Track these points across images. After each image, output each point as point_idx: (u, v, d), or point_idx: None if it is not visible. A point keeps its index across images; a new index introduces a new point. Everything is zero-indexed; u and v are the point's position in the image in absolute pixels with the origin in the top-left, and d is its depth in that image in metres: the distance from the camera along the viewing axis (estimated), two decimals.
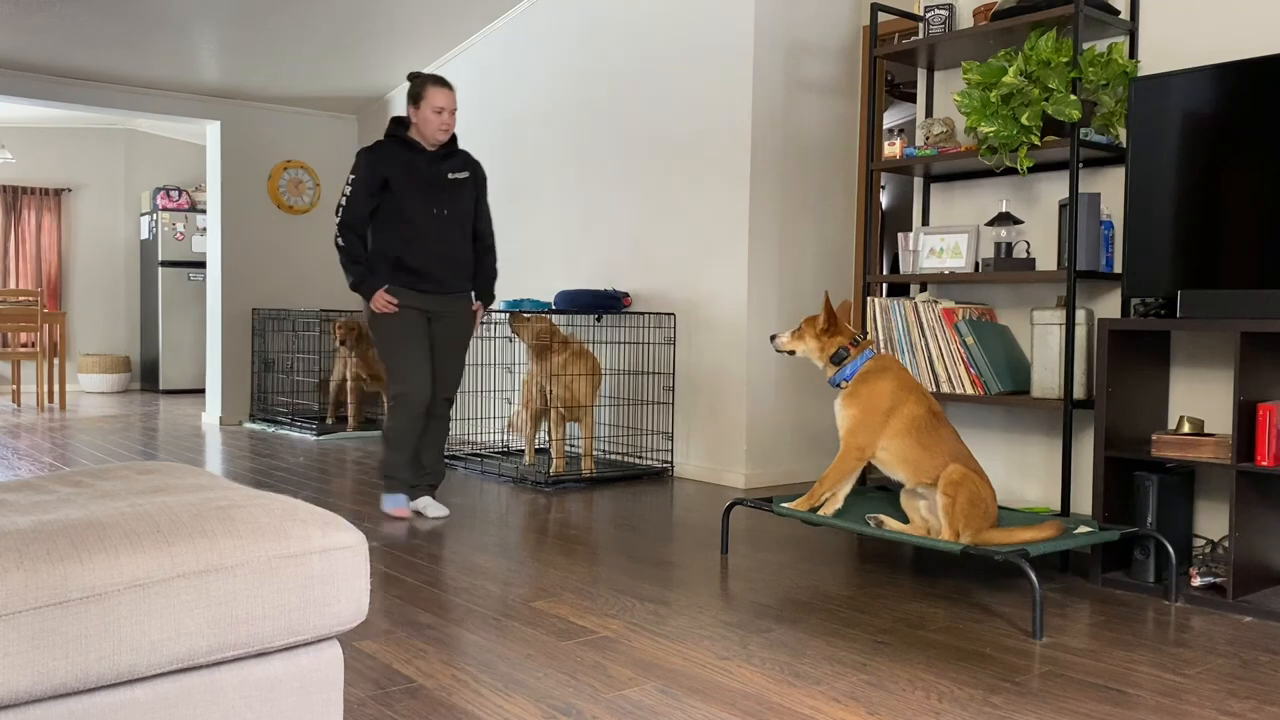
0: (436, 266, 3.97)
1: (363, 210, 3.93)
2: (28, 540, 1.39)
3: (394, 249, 3.93)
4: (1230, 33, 3.26)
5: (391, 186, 3.91)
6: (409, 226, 3.93)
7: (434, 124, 3.94)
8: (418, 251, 3.94)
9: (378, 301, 3.91)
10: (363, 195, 3.92)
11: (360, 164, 3.95)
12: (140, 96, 7.15)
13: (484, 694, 2.22)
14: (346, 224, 3.94)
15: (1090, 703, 2.20)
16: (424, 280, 3.96)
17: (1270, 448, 2.81)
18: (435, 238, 3.96)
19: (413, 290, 3.95)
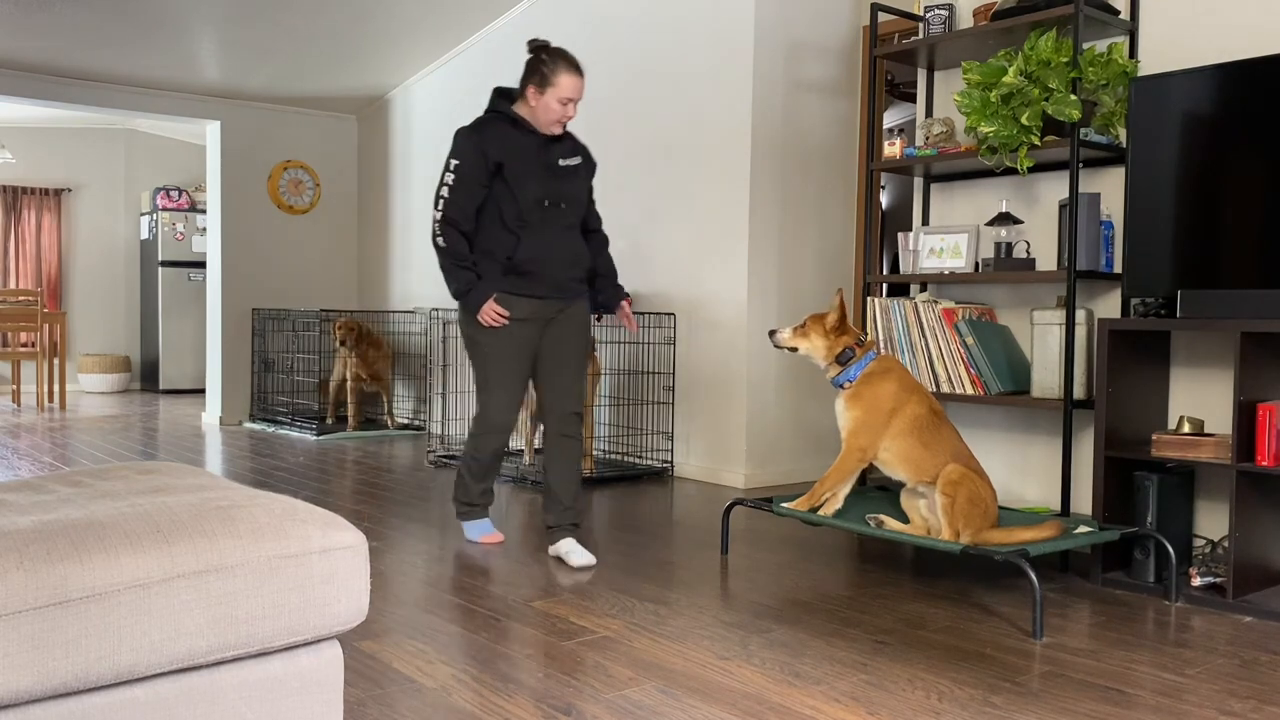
0: (554, 268, 3.37)
1: (470, 202, 3.31)
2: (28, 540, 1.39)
3: (503, 249, 3.33)
4: (1230, 33, 3.26)
5: (504, 173, 3.30)
6: (522, 222, 3.31)
7: (555, 114, 3.34)
8: (532, 251, 3.32)
9: (486, 314, 3.31)
10: (471, 184, 3.30)
11: (464, 146, 3.32)
12: (140, 96, 7.15)
13: (484, 694, 2.22)
14: (449, 220, 3.31)
15: (1090, 703, 2.20)
16: (539, 285, 3.36)
17: (1270, 448, 2.81)
18: (552, 235, 3.36)
19: (526, 298, 3.35)
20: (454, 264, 3.33)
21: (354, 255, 8.04)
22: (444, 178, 3.33)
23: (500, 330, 3.35)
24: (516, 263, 3.32)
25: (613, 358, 5.52)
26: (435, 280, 7.16)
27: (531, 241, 3.32)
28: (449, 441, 5.81)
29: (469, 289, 3.33)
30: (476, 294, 3.33)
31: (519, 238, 3.31)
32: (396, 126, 7.53)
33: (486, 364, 3.39)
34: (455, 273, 3.34)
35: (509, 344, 3.37)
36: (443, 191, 3.32)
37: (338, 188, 7.93)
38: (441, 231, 3.33)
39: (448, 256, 3.33)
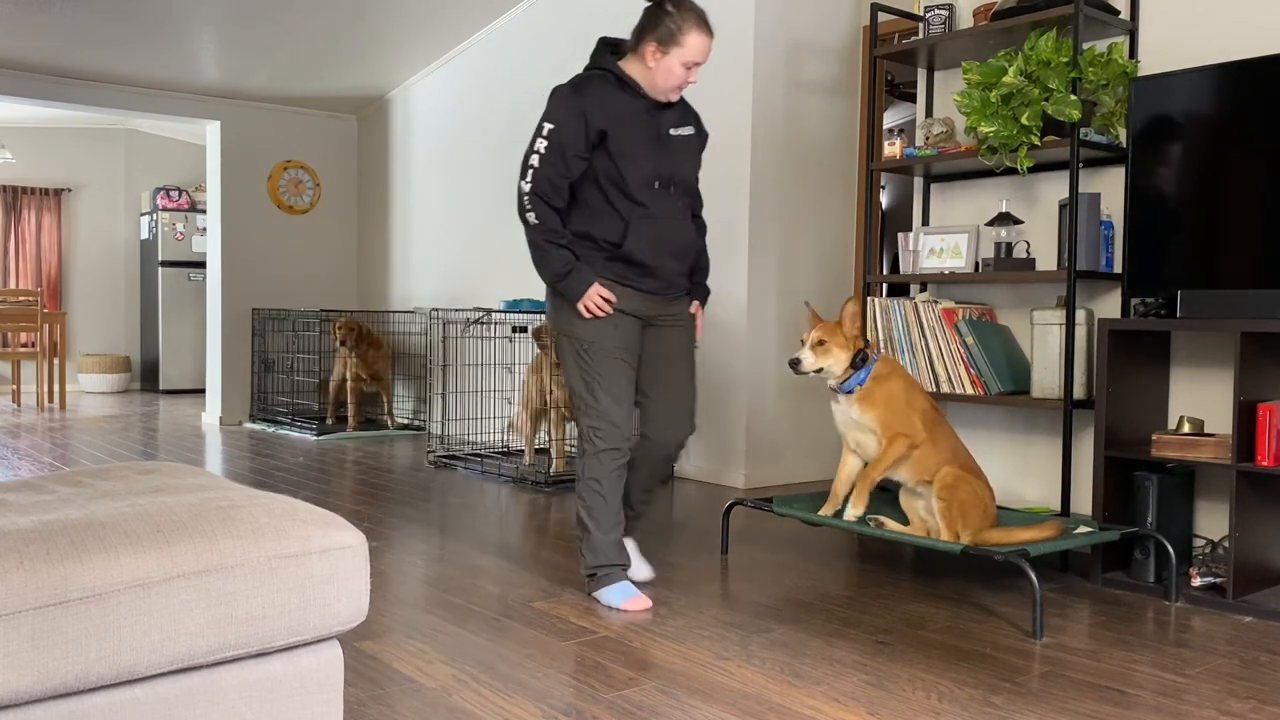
0: (663, 258, 2.88)
1: (564, 175, 2.79)
2: (28, 540, 1.39)
3: (606, 234, 2.83)
4: (1230, 33, 3.26)
5: (609, 143, 2.80)
6: (630, 203, 2.82)
7: (676, 80, 2.82)
8: (642, 239, 2.83)
9: (590, 300, 2.80)
10: (567, 154, 2.78)
11: (562, 108, 2.79)
12: (140, 96, 7.15)
13: (484, 694, 2.22)
14: (540, 193, 2.79)
15: (1090, 703, 2.20)
16: (646, 277, 2.87)
17: (1270, 448, 2.81)
18: (662, 220, 2.87)
19: (632, 290, 2.87)
20: (547, 241, 2.81)
21: (354, 255, 8.04)
22: (534, 143, 2.80)
23: (604, 322, 2.84)
24: (624, 252, 2.82)
25: None
26: (435, 280, 7.16)
27: (640, 227, 2.83)
28: (449, 442, 5.81)
29: (568, 270, 2.80)
30: (578, 277, 2.80)
31: (626, 222, 2.82)
32: (396, 126, 7.53)
33: (590, 362, 2.85)
34: (549, 252, 2.81)
35: (615, 338, 2.86)
36: (532, 160, 2.80)
37: (338, 188, 7.93)
38: (531, 205, 2.80)
39: (539, 233, 2.81)
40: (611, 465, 2.86)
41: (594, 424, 2.86)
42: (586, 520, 2.90)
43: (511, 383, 6.13)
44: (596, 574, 2.91)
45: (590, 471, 2.88)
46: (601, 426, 2.85)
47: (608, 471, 2.86)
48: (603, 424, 2.85)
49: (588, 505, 2.89)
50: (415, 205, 7.35)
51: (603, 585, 2.90)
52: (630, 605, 2.86)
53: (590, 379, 2.85)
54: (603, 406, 2.84)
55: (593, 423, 2.86)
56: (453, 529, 3.90)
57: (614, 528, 2.89)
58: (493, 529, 3.91)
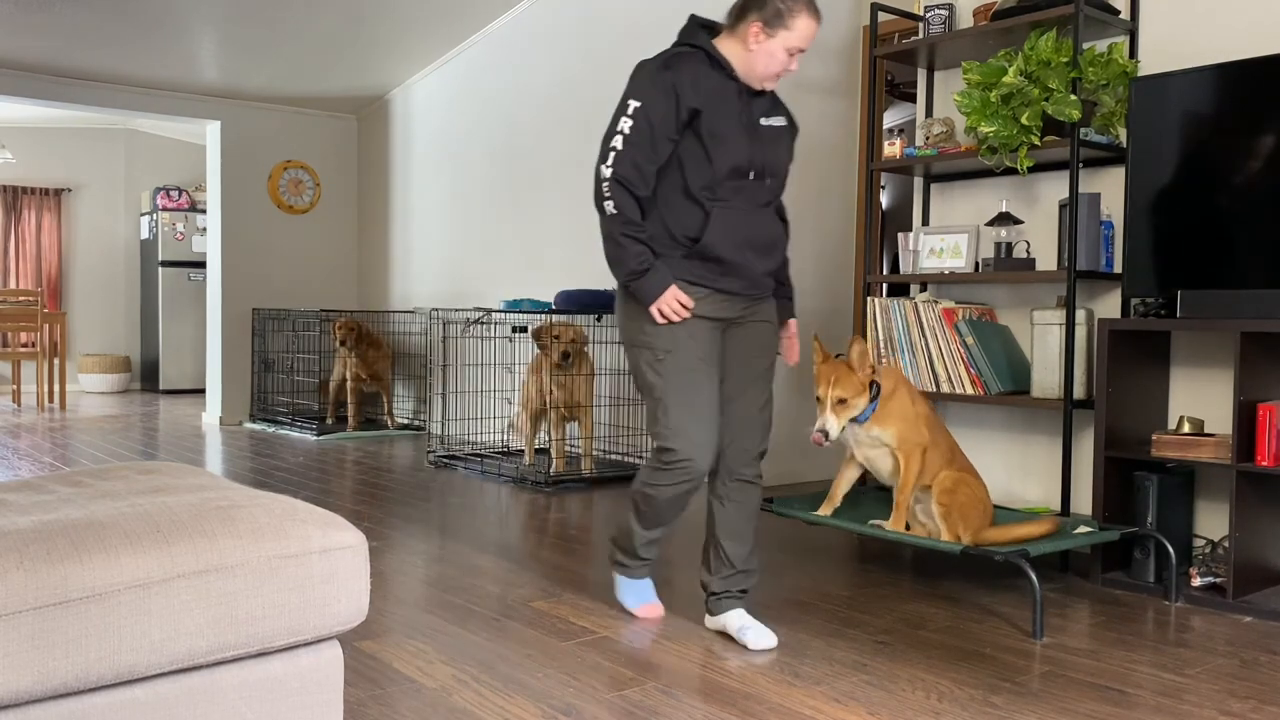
0: (745, 253, 2.56)
1: (652, 159, 2.49)
2: (28, 540, 1.39)
3: (685, 227, 2.53)
4: (1230, 33, 3.26)
5: (701, 125, 2.49)
6: (713, 194, 2.52)
7: (778, 67, 2.53)
8: (724, 234, 2.53)
9: (666, 303, 2.50)
10: (656, 135, 2.47)
11: (652, 84, 2.49)
12: (140, 96, 7.15)
13: (484, 694, 2.22)
14: (622, 179, 2.48)
15: (1090, 703, 2.20)
16: (729, 277, 2.56)
17: (1270, 448, 2.81)
18: (748, 214, 2.57)
19: (711, 292, 2.56)
20: (626, 235, 2.49)
21: (354, 255, 8.04)
22: (618, 123, 2.49)
23: (679, 329, 2.53)
24: (703, 247, 2.52)
25: (613, 358, 5.52)
26: (435, 280, 7.16)
27: (724, 220, 2.53)
28: (449, 442, 5.81)
29: (645, 268, 2.49)
30: (656, 277, 2.49)
31: (708, 214, 2.51)
32: (396, 126, 7.53)
33: (666, 372, 2.53)
34: (627, 247, 2.49)
35: (693, 345, 2.55)
36: (615, 142, 2.48)
37: (338, 188, 7.92)
38: (610, 192, 2.48)
39: (617, 224, 2.49)
40: (676, 486, 2.56)
41: (669, 443, 2.52)
42: (633, 514, 2.70)
43: (511, 383, 6.13)
44: (623, 563, 2.80)
45: (651, 479, 2.59)
46: (675, 447, 2.51)
47: (669, 487, 2.57)
48: (677, 443, 2.51)
49: (639, 505, 2.66)
50: (415, 205, 7.35)
51: (624, 576, 2.81)
52: (644, 612, 2.77)
53: (664, 393, 2.52)
54: (675, 424, 2.51)
55: (664, 443, 2.53)
56: (453, 529, 3.90)
57: (655, 528, 2.70)
58: (493, 529, 3.91)
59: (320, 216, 7.84)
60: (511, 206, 6.39)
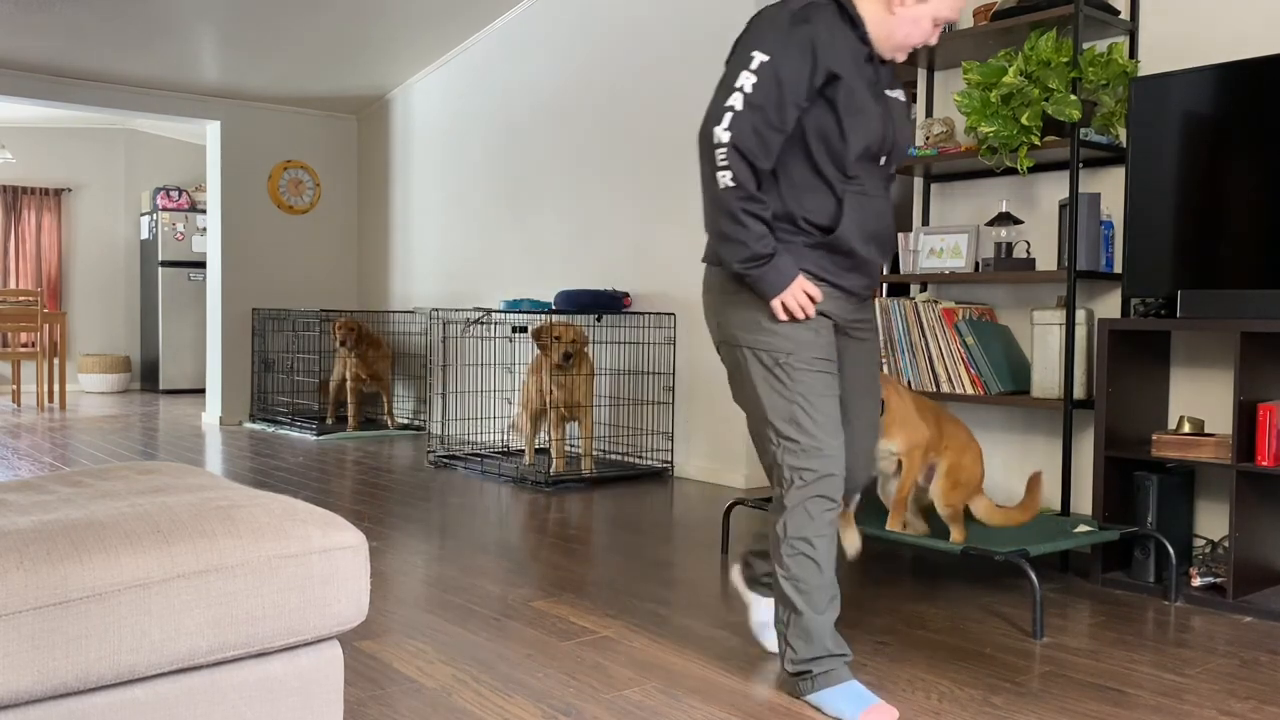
0: (872, 248, 2.21)
1: (779, 123, 2.07)
2: (28, 540, 1.39)
3: (816, 212, 2.14)
4: (1230, 33, 3.26)
5: (838, 93, 2.09)
6: (846, 175, 2.14)
7: (920, 37, 2.23)
8: (857, 222, 2.16)
9: (794, 296, 2.11)
10: (786, 96, 2.06)
11: (784, 37, 2.08)
12: (140, 96, 7.15)
13: (484, 694, 2.22)
14: (742, 147, 2.05)
15: (1090, 703, 2.20)
16: (852, 271, 2.21)
17: (1270, 448, 2.81)
18: (875, 200, 2.21)
19: (836, 290, 2.20)
20: (746, 211, 2.07)
21: (354, 255, 8.04)
22: (736, 78, 2.07)
23: (803, 325, 2.14)
24: (837, 238, 2.14)
25: (613, 358, 5.52)
26: (435, 280, 7.16)
27: (857, 208, 2.16)
28: (449, 442, 5.81)
29: (768, 254, 2.08)
30: (782, 265, 2.10)
31: (840, 199, 2.14)
32: (396, 126, 7.53)
33: (790, 379, 2.13)
34: (748, 226, 2.07)
35: (818, 345, 2.16)
36: (733, 101, 2.05)
37: (338, 188, 7.92)
38: (728, 160, 2.06)
39: (735, 198, 2.07)
40: (824, 517, 2.14)
41: (801, 464, 2.12)
42: (792, 596, 2.14)
43: (511, 383, 6.13)
44: (811, 671, 2.15)
45: (795, 529, 2.13)
46: (812, 466, 2.12)
47: (821, 526, 2.13)
48: (814, 461, 2.12)
49: (792, 575, 2.14)
50: (415, 205, 7.35)
51: (822, 686, 2.14)
52: (871, 716, 2.08)
53: (791, 401, 2.13)
54: (812, 438, 2.12)
55: (799, 461, 2.12)
56: (453, 529, 3.90)
57: (830, 605, 2.16)
58: (493, 529, 3.91)
59: (320, 216, 7.84)
60: (511, 206, 6.38)
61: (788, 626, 2.17)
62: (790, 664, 2.17)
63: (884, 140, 2.17)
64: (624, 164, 5.53)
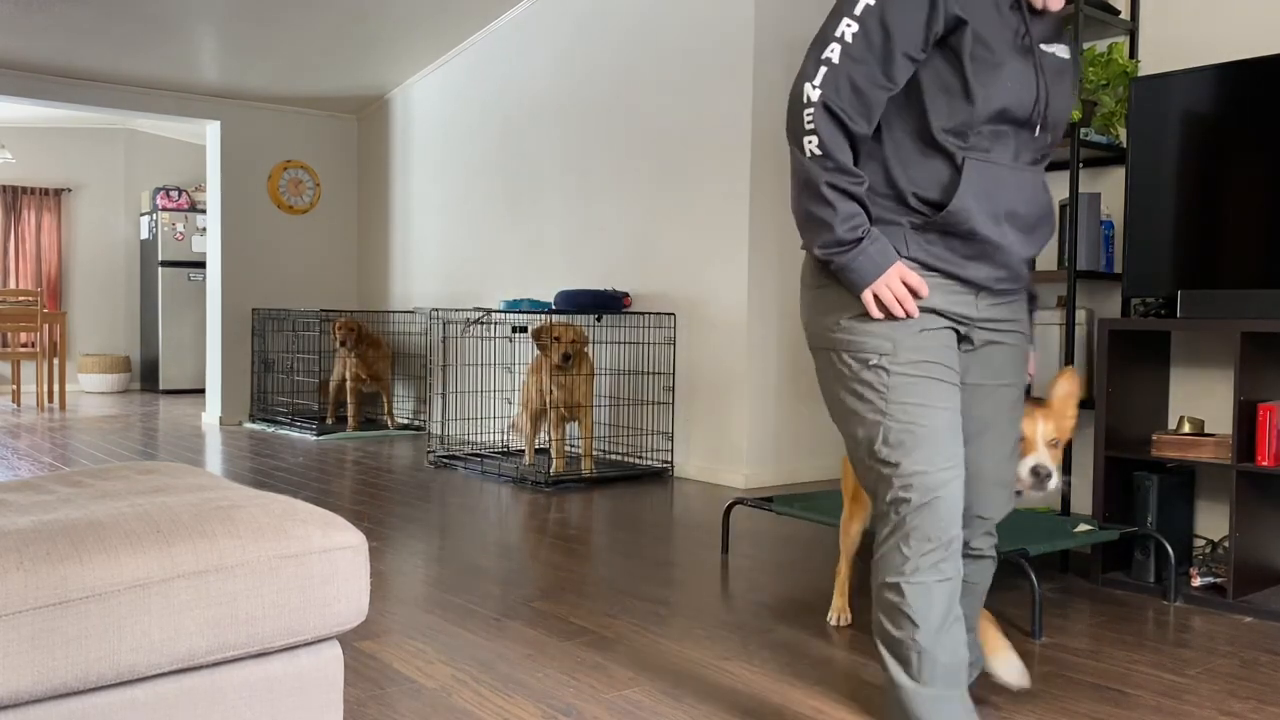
0: (1010, 236, 1.81)
1: (884, 80, 1.72)
2: (28, 540, 1.39)
3: (924, 184, 1.77)
4: (1230, 33, 3.26)
5: (963, 42, 1.72)
6: (967, 143, 1.75)
7: None
8: (984, 197, 1.76)
9: (890, 289, 1.73)
10: (896, 46, 1.70)
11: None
12: (140, 96, 7.15)
13: (484, 694, 2.22)
14: (835, 106, 1.71)
15: (1090, 703, 2.20)
16: (979, 262, 1.81)
17: (1270, 448, 2.81)
18: (1017, 173, 1.82)
19: (954, 282, 1.81)
20: (834, 186, 1.72)
21: (354, 255, 8.04)
22: (834, 27, 1.72)
23: (904, 325, 1.76)
24: (950, 216, 1.75)
25: (613, 358, 5.52)
26: (435, 280, 7.16)
27: (980, 178, 1.76)
28: (449, 442, 5.81)
29: (859, 237, 1.73)
30: (876, 249, 1.74)
31: (958, 168, 1.75)
32: (396, 126, 7.53)
33: (887, 387, 1.75)
34: (836, 204, 1.72)
35: (924, 347, 1.77)
36: (828, 53, 1.71)
37: (338, 188, 7.93)
38: (814, 122, 1.71)
39: (821, 168, 1.72)
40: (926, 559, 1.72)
41: (898, 494, 1.73)
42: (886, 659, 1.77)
43: (511, 383, 6.13)
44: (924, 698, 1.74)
45: (888, 572, 1.76)
46: (910, 497, 1.72)
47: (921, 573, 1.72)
48: (914, 492, 1.72)
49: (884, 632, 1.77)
50: (415, 205, 7.35)
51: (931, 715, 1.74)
52: None
53: (885, 414, 1.75)
54: (913, 460, 1.72)
55: (894, 491, 1.74)
56: (453, 529, 3.90)
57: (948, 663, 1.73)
58: (493, 529, 3.91)
59: (320, 216, 7.84)
60: (511, 206, 6.38)
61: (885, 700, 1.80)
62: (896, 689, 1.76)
63: (1035, 103, 1.78)
64: (624, 164, 5.53)
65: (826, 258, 1.76)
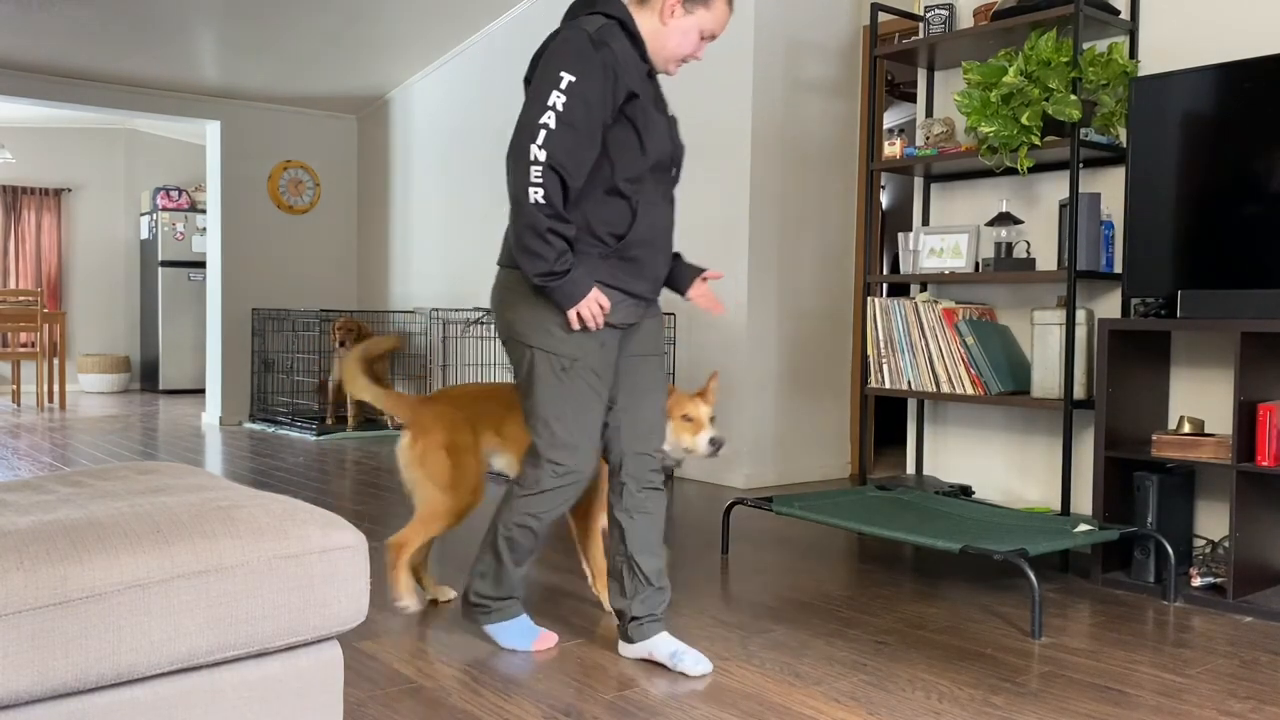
0: (658, 254, 2.42)
1: (588, 146, 2.23)
2: (28, 540, 1.39)
3: (612, 223, 2.31)
4: (1230, 33, 3.26)
5: (636, 111, 2.28)
6: (637, 186, 2.32)
7: (689, 48, 2.38)
8: (647, 231, 2.35)
9: (588, 309, 2.27)
10: (594, 117, 2.22)
11: (589, 60, 2.21)
12: (140, 96, 7.15)
13: (484, 694, 2.22)
14: (556, 165, 2.18)
15: (1090, 703, 2.20)
16: (640, 278, 2.38)
17: (1270, 448, 2.81)
18: (665, 208, 2.42)
19: (626, 296, 2.37)
20: (550, 230, 2.20)
21: (354, 255, 8.04)
22: (547, 97, 2.19)
23: (590, 337, 2.32)
24: (626, 245, 2.32)
25: None
26: (435, 280, 7.16)
27: (647, 215, 2.34)
28: None
29: (568, 268, 2.23)
30: (578, 278, 2.24)
31: (634, 209, 2.32)
32: (396, 126, 7.53)
33: (567, 384, 2.33)
34: (550, 243, 2.20)
35: (600, 355, 2.35)
36: (546, 119, 2.18)
37: (338, 188, 7.93)
38: (541, 179, 2.17)
39: (542, 215, 2.18)
40: (560, 503, 2.41)
41: (557, 457, 2.35)
42: (504, 552, 2.44)
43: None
44: (488, 607, 2.51)
45: (531, 506, 2.39)
46: (565, 462, 2.35)
47: (553, 509, 2.41)
48: (567, 459, 2.35)
49: (512, 538, 2.42)
50: (415, 205, 7.35)
51: (498, 620, 2.52)
52: (542, 644, 2.52)
53: (563, 403, 2.33)
54: (571, 437, 2.35)
55: (555, 454, 2.35)
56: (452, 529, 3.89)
57: (527, 558, 2.49)
58: None
59: (320, 216, 7.84)
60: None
61: (486, 570, 2.48)
62: (475, 596, 2.50)
63: (674, 151, 2.40)
64: None
65: (542, 284, 2.24)
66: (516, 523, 2.41)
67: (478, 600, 2.52)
